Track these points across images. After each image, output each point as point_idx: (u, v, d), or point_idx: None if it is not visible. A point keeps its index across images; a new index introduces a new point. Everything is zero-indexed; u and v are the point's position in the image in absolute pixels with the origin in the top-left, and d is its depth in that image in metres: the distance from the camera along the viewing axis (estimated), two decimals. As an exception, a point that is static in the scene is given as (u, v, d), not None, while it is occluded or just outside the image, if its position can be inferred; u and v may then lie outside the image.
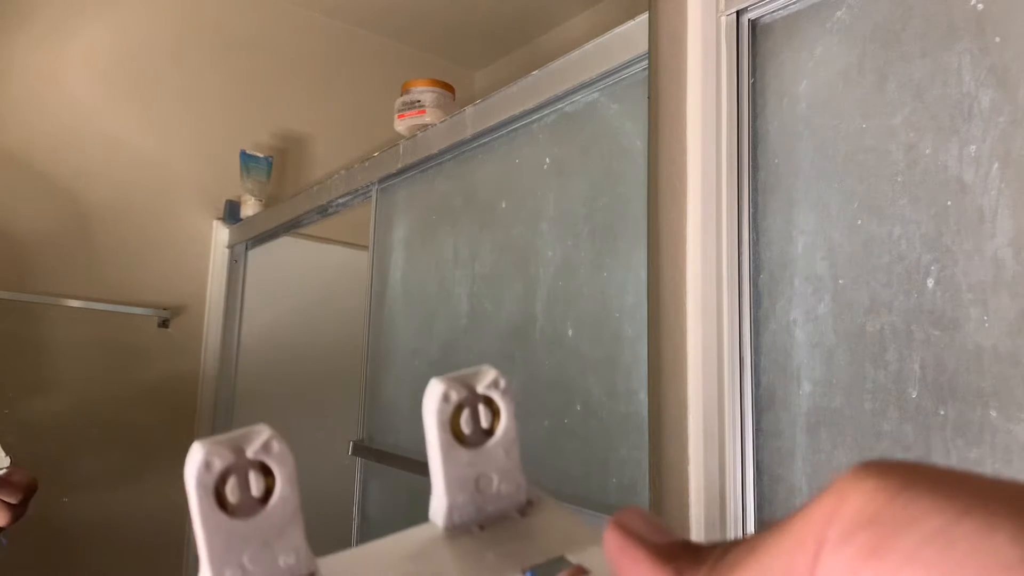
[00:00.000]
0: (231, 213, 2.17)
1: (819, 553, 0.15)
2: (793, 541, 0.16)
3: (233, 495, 0.19)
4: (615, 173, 1.04)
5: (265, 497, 0.19)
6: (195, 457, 0.18)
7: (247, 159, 2.15)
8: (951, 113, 0.68)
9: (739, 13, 0.86)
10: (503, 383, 0.22)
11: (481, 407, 0.22)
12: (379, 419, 1.48)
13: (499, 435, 0.22)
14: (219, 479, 0.19)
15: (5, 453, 0.76)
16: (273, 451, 0.19)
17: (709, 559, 0.18)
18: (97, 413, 1.92)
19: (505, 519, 0.22)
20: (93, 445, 1.91)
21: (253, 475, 0.19)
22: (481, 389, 0.22)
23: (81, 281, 1.95)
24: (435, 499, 0.21)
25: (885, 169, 0.72)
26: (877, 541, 0.15)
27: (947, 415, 0.65)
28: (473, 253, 1.29)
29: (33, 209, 1.91)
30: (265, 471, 0.19)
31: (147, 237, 2.07)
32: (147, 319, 2.03)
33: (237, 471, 0.19)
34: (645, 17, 0.96)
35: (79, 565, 1.87)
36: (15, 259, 1.87)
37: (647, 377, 0.91)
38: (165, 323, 2.05)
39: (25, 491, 0.76)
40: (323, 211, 1.78)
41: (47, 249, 1.92)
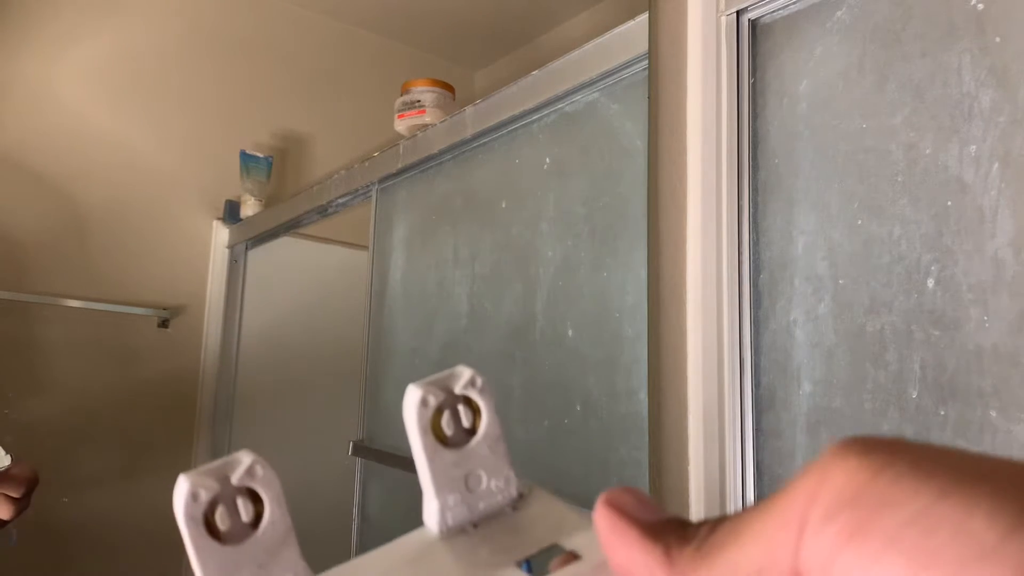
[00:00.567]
0: (231, 213, 2.17)
1: (802, 534, 0.15)
2: (777, 522, 0.16)
3: (223, 523, 0.19)
4: (615, 173, 1.04)
5: (255, 521, 0.20)
6: (181, 490, 0.19)
7: (247, 159, 2.15)
8: (951, 113, 0.68)
9: (739, 13, 0.86)
10: (480, 381, 0.22)
11: (461, 407, 0.22)
12: (379, 419, 1.48)
13: (481, 432, 0.22)
14: (207, 509, 0.19)
15: (5, 452, 0.76)
16: (257, 476, 0.20)
17: (696, 537, 0.18)
18: (97, 413, 1.92)
19: (498, 515, 0.22)
20: (93, 445, 1.91)
21: (241, 501, 0.19)
22: (459, 390, 0.22)
23: (81, 281, 1.95)
24: (427, 503, 0.22)
25: (885, 169, 0.72)
26: (858, 522, 0.14)
27: (947, 415, 0.65)
28: (473, 253, 1.29)
29: (34, 210, 1.91)
30: (253, 496, 0.20)
31: (147, 237, 2.07)
32: (147, 319, 2.03)
33: (224, 499, 0.19)
34: (645, 17, 0.96)
35: (79, 565, 1.87)
36: (15, 260, 1.87)
37: (647, 377, 0.91)
38: (165, 323, 2.05)
39: (27, 484, 0.76)
40: (323, 211, 1.78)
41: (47, 250, 1.92)
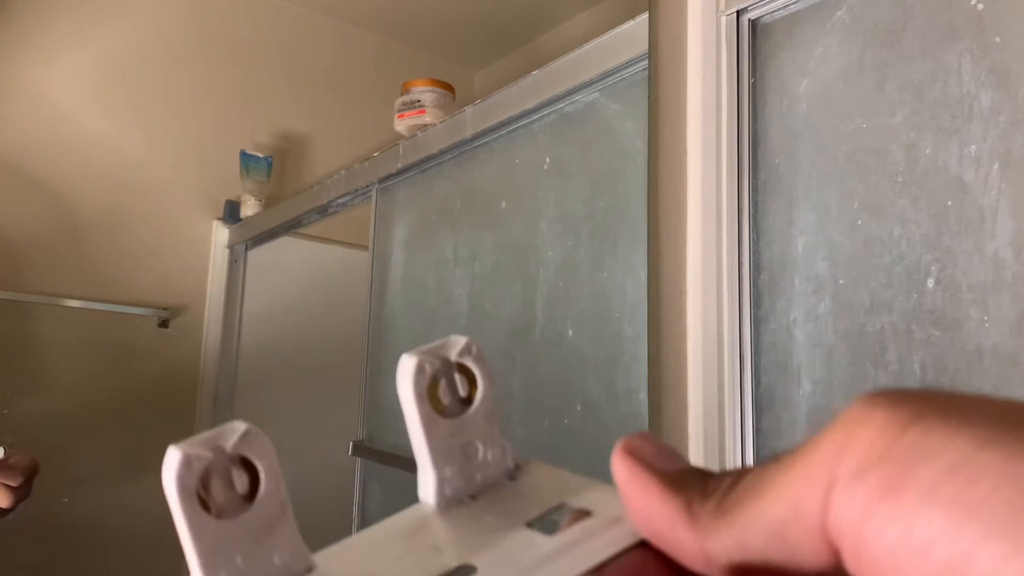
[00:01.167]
0: (231, 213, 2.17)
1: (830, 492, 0.14)
2: (803, 478, 0.15)
3: (217, 495, 0.18)
4: (615, 173, 1.04)
5: (251, 495, 0.18)
6: (172, 459, 0.17)
7: (247, 159, 2.15)
8: (951, 113, 0.68)
9: (739, 13, 0.86)
10: (475, 348, 0.22)
11: (457, 376, 0.21)
12: (379, 419, 1.48)
13: (478, 401, 0.21)
14: (200, 480, 0.18)
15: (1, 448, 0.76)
16: (253, 444, 0.18)
17: (718, 491, 0.17)
18: (97, 413, 1.92)
19: (496, 485, 0.21)
20: (93, 445, 1.91)
21: (235, 472, 0.18)
22: (454, 357, 0.21)
23: (81, 281, 1.95)
24: (422, 476, 0.21)
25: (885, 169, 0.72)
26: (891, 478, 0.13)
27: (947, 415, 0.65)
28: (473, 253, 1.29)
29: (34, 211, 1.91)
30: (248, 467, 0.18)
31: (147, 237, 2.07)
32: (147, 319, 2.03)
33: (218, 469, 0.18)
34: (645, 17, 0.96)
35: (79, 565, 1.86)
36: (15, 260, 1.87)
37: (647, 377, 0.91)
38: (165, 323, 2.05)
39: (25, 473, 0.76)
40: (323, 211, 1.78)
41: (47, 250, 1.92)
